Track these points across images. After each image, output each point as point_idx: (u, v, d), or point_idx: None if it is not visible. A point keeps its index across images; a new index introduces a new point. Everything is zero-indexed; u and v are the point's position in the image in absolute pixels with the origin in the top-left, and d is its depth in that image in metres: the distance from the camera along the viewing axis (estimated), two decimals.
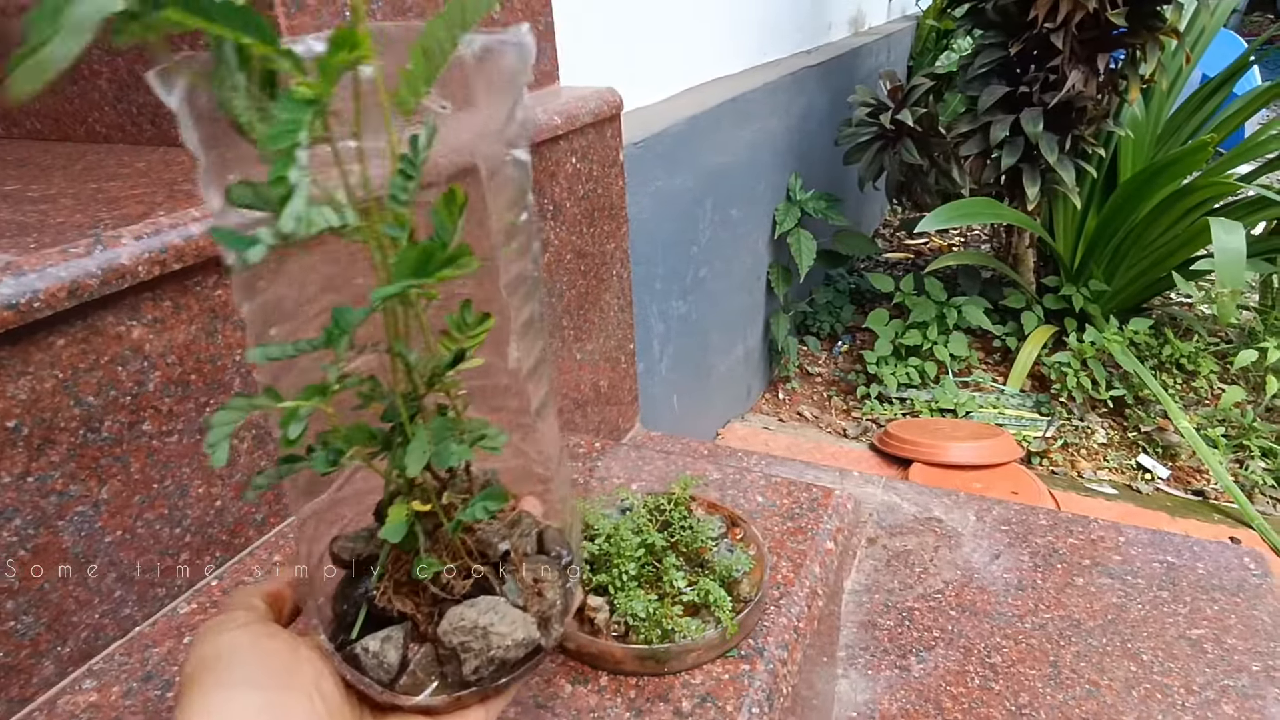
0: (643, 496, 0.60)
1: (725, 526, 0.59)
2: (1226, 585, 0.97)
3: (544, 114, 0.93)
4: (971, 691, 0.84)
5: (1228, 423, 1.89)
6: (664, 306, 1.57)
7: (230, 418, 0.31)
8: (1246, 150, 2.16)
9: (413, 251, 0.31)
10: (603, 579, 0.52)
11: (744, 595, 0.54)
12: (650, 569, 0.53)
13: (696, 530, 0.55)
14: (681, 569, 0.54)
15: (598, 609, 0.50)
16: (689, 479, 0.59)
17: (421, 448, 0.33)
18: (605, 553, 0.53)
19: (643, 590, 0.51)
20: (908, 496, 1.17)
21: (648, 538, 0.53)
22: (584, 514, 0.54)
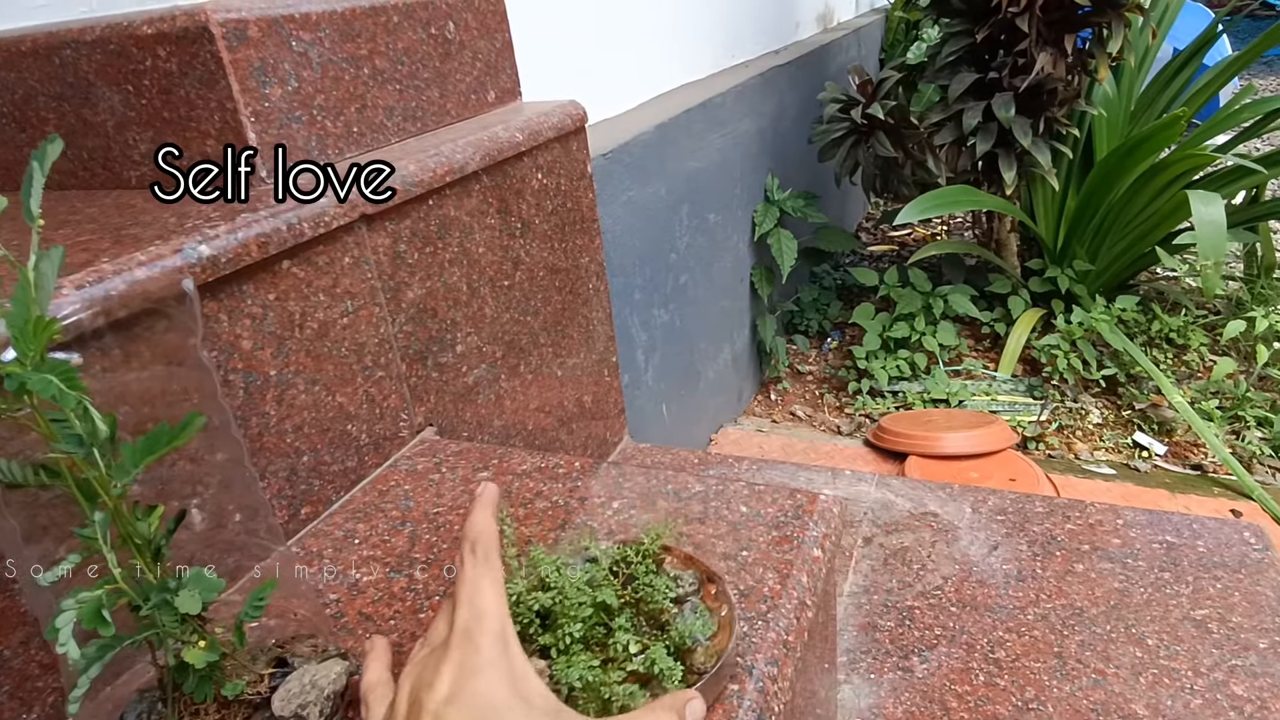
0: (609, 546, 0.54)
1: (699, 583, 0.52)
2: (1228, 562, 0.95)
3: (505, 131, 0.92)
4: (977, 689, 0.83)
5: (1221, 394, 1.89)
6: (645, 316, 1.55)
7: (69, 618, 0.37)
8: (1221, 121, 2.17)
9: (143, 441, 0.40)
10: (547, 640, 0.46)
11: (698, 666, 0.47)
12: (602, 630, 0.47)
13: (655, 589, 0.49)
14: (635, 631, 0.48)
15: (538, 674, 0.44)
16: (658, 529, 0.53)
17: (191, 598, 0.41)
18: (554, 610, 0.47)
19: (590, 654, 0.46)
20: (902, 492, 1.16)
21: (599, 595, 0.47)
22: (539, 563, 0.48)
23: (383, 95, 0.84)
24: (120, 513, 0.40)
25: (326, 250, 0.70)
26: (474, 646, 0.39)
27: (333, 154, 0.78)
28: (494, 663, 0.39)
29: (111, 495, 0.39)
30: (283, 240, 0.64)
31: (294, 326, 0.67)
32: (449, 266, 0.85)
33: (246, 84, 0.68)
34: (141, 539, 0.40)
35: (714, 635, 0.49)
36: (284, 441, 0.67)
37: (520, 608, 0.46)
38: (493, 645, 0.39)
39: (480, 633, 0.40)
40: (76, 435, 0.37)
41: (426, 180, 0.80)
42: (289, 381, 0.67)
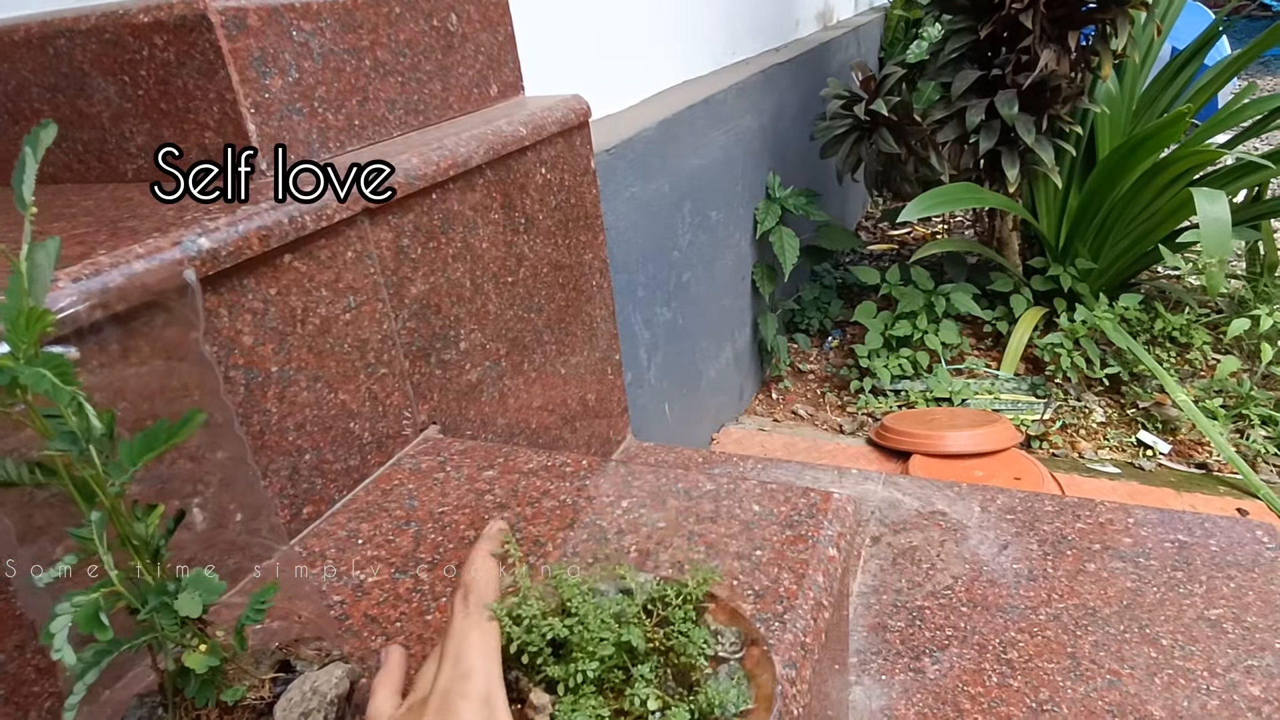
0: (649, 580, 0.47)
1: (741, 644, 0.46)
2: (1241, 561, 0.94)
3: (509, 125, 0.90)
4: (990, 690, 0.81)
5: (1225, 393, 1.88)
6: (648, 314, 1.54)
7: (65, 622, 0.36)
8: (1221, 120, 2.16)
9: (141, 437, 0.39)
10: (557, 672, 0.40)
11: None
12: (620, 675, 0.41)
13: (691, 640, 0.43)
14: (659, 685, 0.42)
15: (539, 710, 0.39)
16: (708, 571, 0.46)
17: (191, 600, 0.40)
18: (571, 641, 0.42)
19: (601, 700, 0.40)
20: (909, 491, 1.15)
21: (625, 634, 0.41)
22: (562, 585, 0.43)
23: (385, 88, 0.83)
24: (118, 512, 0.38)
25: (329, 244, 0.68)
26: (452, 713, 0.35)
27: (334, 147, 0.77)
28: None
29: (109, 494, 0.38)
30: (284, 233, 0.63)
31: (296, 322, 0.66)
32: (452, 262, 0.84)
33: (246, 74, 0.66)
34: (140, 539, 0.39)
35: (747, 712, 0.43)
36: (286, 440, 0.65)
37: (532, 633, 0.41)
38: (475, 712, 0.35)
39: (461, 695, 0.36)
40: (71, 432, 0.35)
41: (429, 174, 0.78)
42: (291, 378, 0.66)
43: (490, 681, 0.36)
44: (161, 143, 0.71)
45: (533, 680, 0.40)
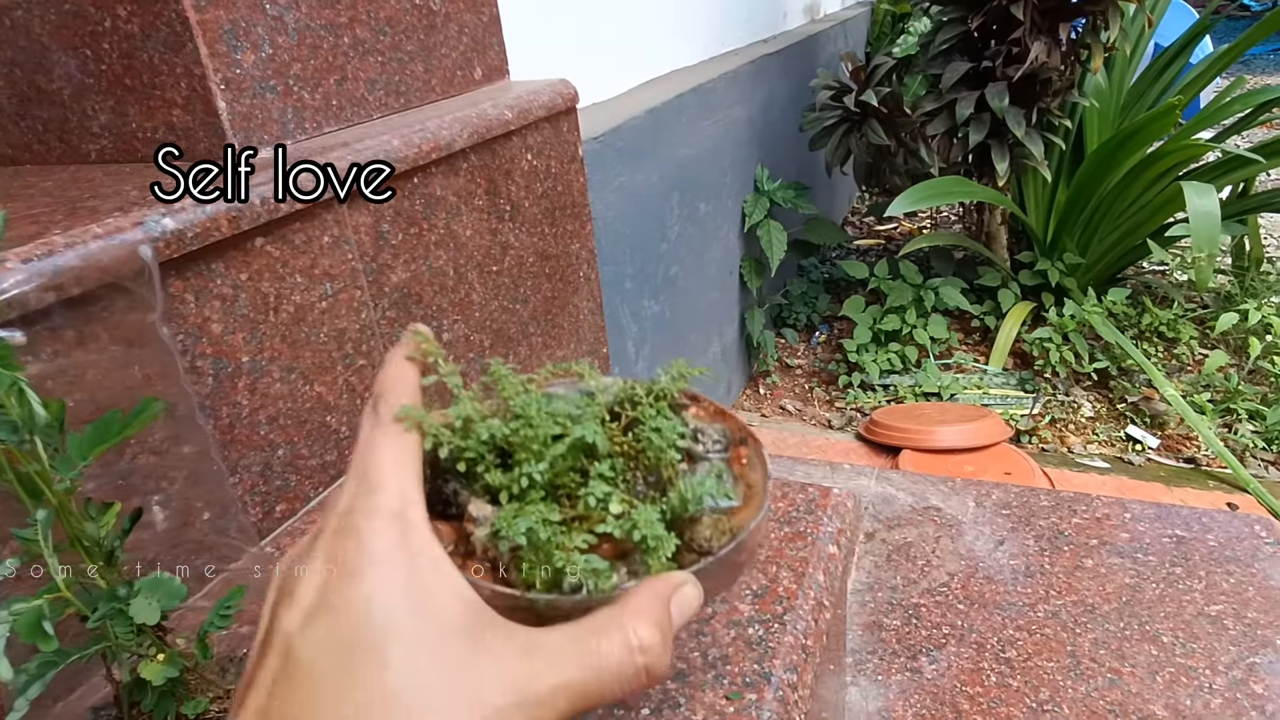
0: (614, 381, 0.40)
1: (727, 443, 0.39)
2: (1240, 556, 0.93)
3: (494, 109, 0.87)
4: (989, 690, 0.79)
5: (1212, 388, 1.87)
6: (636, 307, 1.51)
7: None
8: (1207, 116, 2.16)
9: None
10: (499, 479, 0.33)
11: (702, 543, 0.34)
12: (576, 479, 0.34)
13: (663, 435, 0.35)
14: (621, 485, 0.35)
15: (480, 522, 0.32)
16: (684, 365, 0.39)
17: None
18: (516, 445, 0.34)
19: (552, 505, 0.33)
20: (903, 486, 1.13)
21: (580, 430, 0.34)
22: (503, 381, 0.36)
23: (364, 67, 0.79)
24: (66, 511, 0.35)
25: (304, 228, 0.65)
26: (354, 537, 0.27)
27: (310, 128, 0.74)
28: (383, 559, 0.27)
29: (56, 491, 0.34)
30: (256, 216, 0.59)
31: (268, 310, 0.62)
32: (435, 249, 0.81)
33: (216, 48, 0.63)
34: (91, 540, 0.35)
35: (733, 511, 0.36)
36: (257, 434, 0.62)
37: (470, 438, 0.33)
38: (384, 534, 0.28)
39: (365, 514, 0.28)
40: (12, 421, 0.32)
41: (411, 157, 0.75)
42: (263, 369, 0.62)
43: (405, 496, 0.29)
44: (126, 121, 0.67)
45: (474, 491, 0.34)
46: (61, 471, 0.34)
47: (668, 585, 0.30)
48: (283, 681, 0.26)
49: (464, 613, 0.27)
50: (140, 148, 0.68)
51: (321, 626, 0.26)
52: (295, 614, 0.26)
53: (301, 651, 0.26)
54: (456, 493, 0.34)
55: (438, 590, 0.27)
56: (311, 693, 0.25)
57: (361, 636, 0.25)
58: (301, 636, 0.26)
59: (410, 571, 0.27)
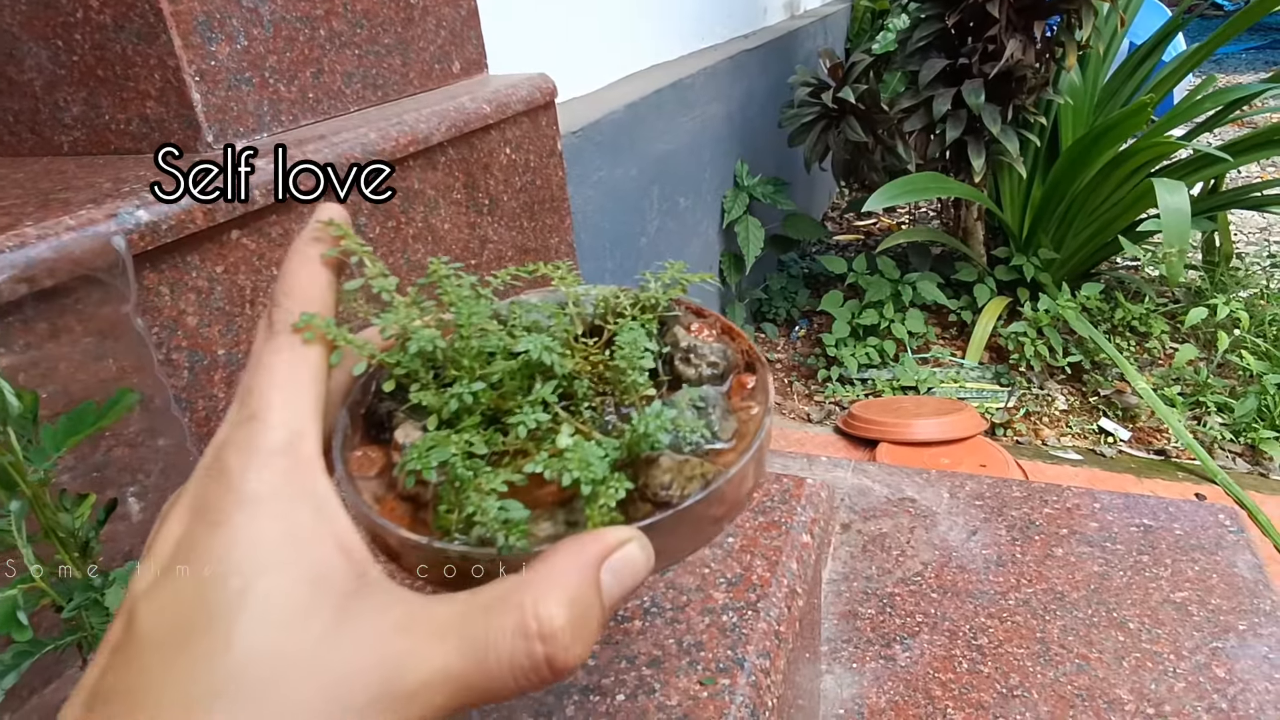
0: (598, 288, 0.34)
1: (725, 367, 0.32)
2: (1205, 544, 0.95)
3: (472, 102, 0.87)
4: (960, 677, 0.81)
5: (1182, 381, 1.91)
6: None
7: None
8: (1178, 114, 2.19)
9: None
10: (430, 400, 0.28)
11: (656, 490, 0.27)
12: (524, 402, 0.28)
13: (633, 348, 0.29)
14: (587, 411, 0.29)
15: (405, 450, 0.27)
16: (682, 268, 0.33)
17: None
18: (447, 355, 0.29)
19: (493, 434, 0.27)
20: (878, 478, 1.14)
21: (528, 344, 0.27)
22: (440, 281, 0.30)
23: (341, 60, 0.79)
24: (41, 502, 0.35)
25: (280, 221, 0.65)
26: (223, 476, 0.22)
27: (286, 121, 0.73)
28: (254, 504, 0.22)
29: (30, 482, 0.34)
30: (231, 209, 0.59)
31: (244, 302, 0.62)
32: (413, 243, 0.81)
33: (190, 39, 0.63)
34: (66, 531, 0.36)
35: (718, 453, 0.29)
36: None
37: (400, 354, 0.28)
38: (260, 472, 0.22)
39: (239, 448, 0.23)
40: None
41: (388, 150, 0.75)
42: (240, 362, 0.62)
43: (292, 425, 0.24)
44: (99, 113, 0.67)
45: (408, 408, 0.28)
46: (35, 463, 0.34)
47: (599, 546, 0.23)
48: (118, 654, 0.21)
49: (342, 574, 0.22)
50: (113, 140, 0.68)
51: (168, 588, 0.21)
52: (146, 571, 0.22)
53: (143, 619, 0.21)
54: (391, 414, 0.29)
55: (315, 542, 0.22)
56: (141, 673, 0.21)
57: (210, 604, 0.21)
58: (146, 600, 0.21)
59: (284, 519, 0.22)
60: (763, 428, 0.29)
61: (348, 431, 0.29)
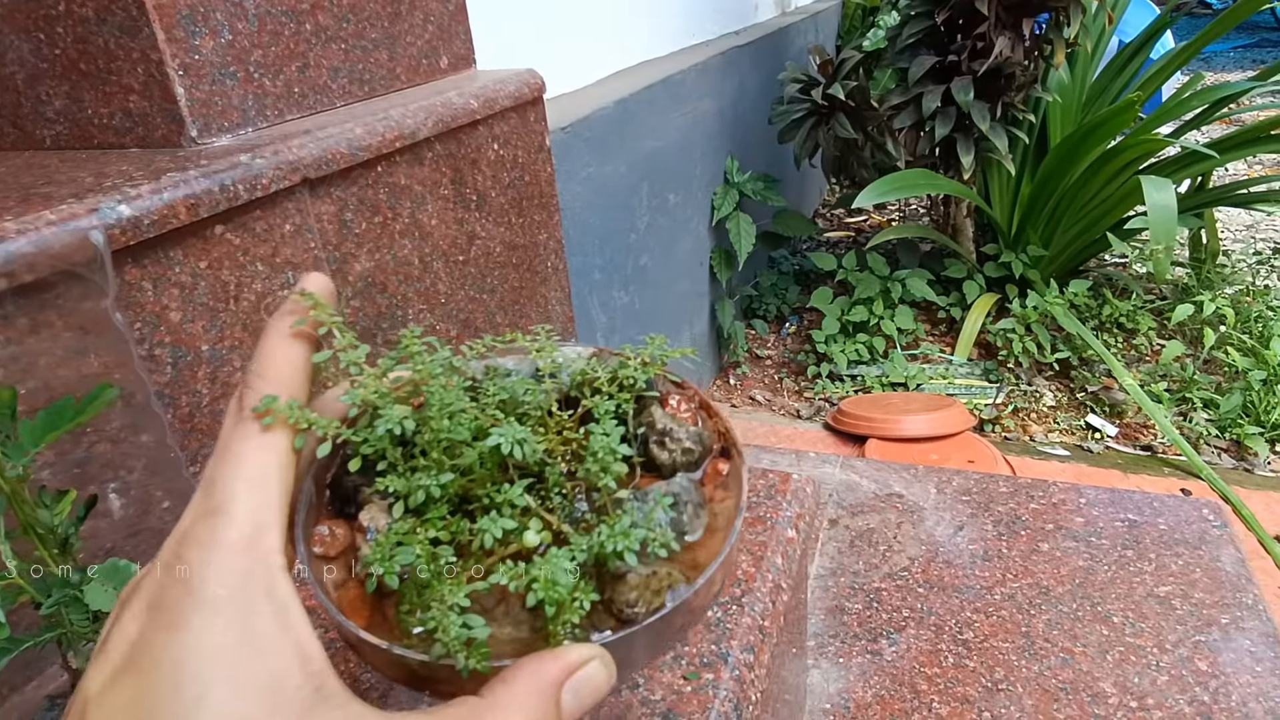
0: (581, 353, 0.33)
1: (702, 453, 0.31)
2: (1188, 539, 0.96)
3: (460, 98, 0.87)
4: (946, 671, 0.81)
5: (1169, 377, 1.92)
6: (605, 297, 1.52)
7: None
8: (1167, 111, 2.20)
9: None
10: (398, 485, 0.27)
11: (622, 606, 0.26)
12: (497, 493, 0.28)
13: (605, 438, 0.28)
14: (557, 499, 0.28)
15: (369, 534, 0.27)
16: (662, 343, 0.32)
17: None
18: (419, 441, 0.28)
19: (459, 523, 0.27)
20: (866, 474, 1.15)
21: (501, 438, 0.26)
22: (411, 350, 0.29)
23: (327, 55, 0.79)
24: (19, 497, 0.35)
25: (265, 216, 0.65)
26: (183, 574, 0.22)
27: (272, 115, 0.73)
28: (213, 606, 0.21)
29: (8, 478, 0.34)
30: (215, 203, 0.59)
31: (228, 298, 0.62)
32: (399, 238, 0.80)
33: (173, 33, 0.62)
34: (45, 527, 0.35)
35: (686, 548, 0.28)
36: (218, 423, 0.62)
37: (368, 431, 0.27)
38: (221, 571, 0.22)
39: (203, 545, 0.22)
40: None
41: (375, 145, 0.75)
42: (223, 358, 0.62)
43: (259, 517, 0.23)
44: (82, 107, 0.66)
45: (375, 491, 0.27)
46: (14, 458, 0.34)
47: (560, 666, 0.23)
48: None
49: (300, 686, 0.22)
50: (96, 134, 0.67)
51: (122, 694, 0.21)
52: (99, 672, 0.21)
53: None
54: (358, 489, 0.28)
55: (273, 652, 0.22)
56: None
57: (164, 714, 0.20)
58: (98, 705, 0.21)
59: (243, 625, 0.21)
60: (734, 531, 0.29)
61: (312, 501, 0.28)
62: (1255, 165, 3.43)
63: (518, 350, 0.32)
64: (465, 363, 0.30)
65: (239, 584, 0.22)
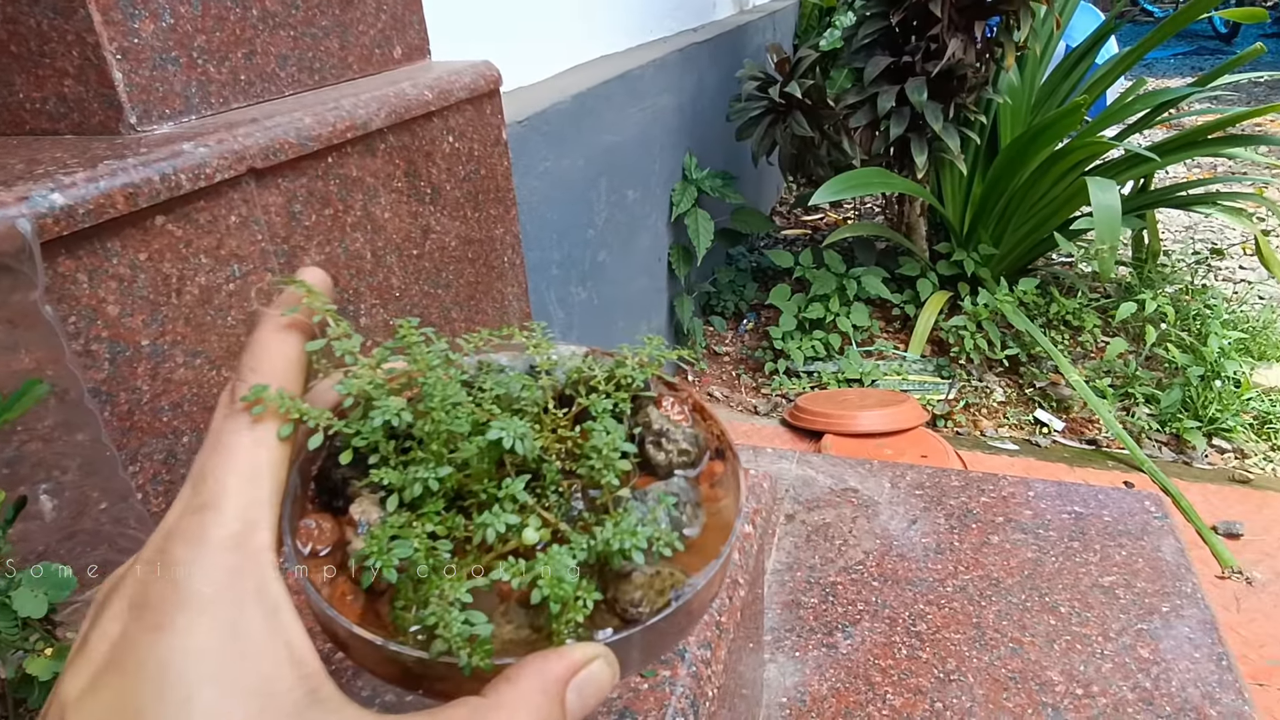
0: (576, 352, 0.32)
1: (696, 453, 0.31)
2: (1131, 530, 0.99)
3: (413, 88, 0.85)
4: (900, 663, 0.82)
5: (1113, 373, 1.98)
6: (563, 293, 1.51)
7: None
8: (1110, 115, 2.27)
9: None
10: (393, 478, 0.26)
11: (626, 605, 0.26)
12: (495, 488, 0.27)
13: (606, 437, 0.28)
14: (554, 497, 0.28)
15: (361, 528, 0.27)
16: (660, 343, 0.32)
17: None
18: (419, 434, 0.27)
19: (455, 518, 0.26)
20: (822, 469, 1.16)
21: (502, 432, 0.26)
22: (410, 346, 0.29)
23: (275, 42, 0.76)
24: None
25: (209, 207, 0.63)
26: (169, 571, 0.21)
27: (217, 103, 0.71)
28: (201, 605, 0.20)
29: None
30: (155, 192, 0.57)
31: (170, 291, 0.60)
32: (351, 231, 0.79)
33: (110, 15, 0.60)
34: None
35: (688, 546, 0.28)
36: (159, 420, 0.60)
37: (361, 423, 0.27)
38: (209, 568, 0.21)
39: (188, 539, 0.21)
40: None
41: (325, 135, 0.73)
42: (165, 353, 0.60)
43: (248, 515, 0.22)
44: (13, 91, 0.63)
45: (366, 484, 0.27)
46: None
47: (564, 665, 0.23)
48: None
49: (292, 689, 0.21)
50: (29, 119, 0.64)
51: (104, 696, 0.20)
52: (79, 675, 0.20)
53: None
54: (347, 481, 0.28)
55: (264, 653, 0.21)
56: None
57: (149, 716, 0.19)
58: (77, 709, 0.20)
59: (232, 624, 0.20)
60: (734, 532, 0.29)
61: (297, 493, 0.27)
62: (1194, 169, 3.55)
63: (513, 346, 0.32)
64: (460, 357, 0.30)
65: (228, 582, 0.21)
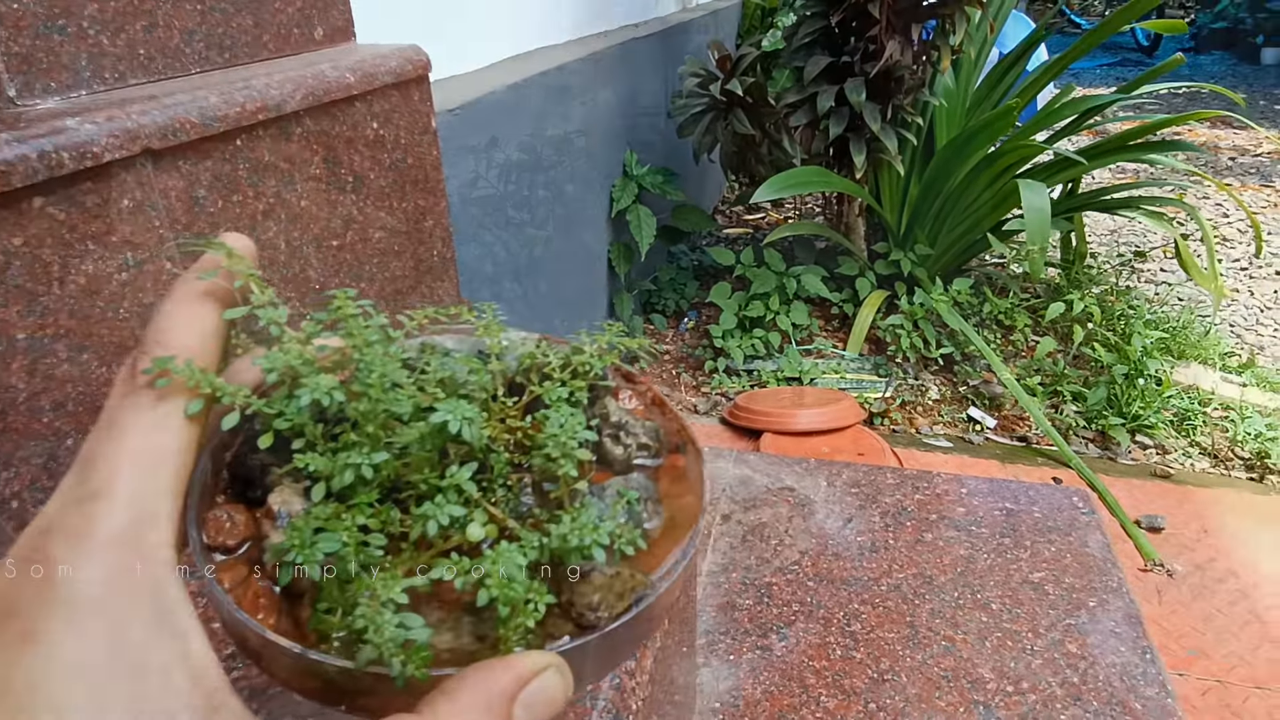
0: (527, 338, 0.30)
1: (657, 447, 0.29)
2: (1060, 526, 1.00)
3: (334, 71, 0.81)
4: (834, 664, 0.81)
5: (1042, 372, 2.03)
6: (498, 289, 1.47)
7: None
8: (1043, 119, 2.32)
9: None
10: (320, 465, 0.23)
11: (583, 610, 0.23)
12: (437, 479, 0.24)
13: (563, 428, 0.25)
14: (501, 490, 0.26)
15: (279, 519, 0.24)
16: (619, 330, 0.30)
17: None
18: (349, 414, 0.25)
19: (389, 510, 0.24)
20: (759, 468, 1.15)
21: (447, 415, 0.23)
22: (346, 318, 0.26)
23: (179, 15, 0.71)
24: None
25: (96, 189, 0.58)
26: (45, 572, 0.18)
27: (111, 78, 0.65)
28: (81, 611, 0.17)
29: None
30: (32, 172, 0.52)
31: (51, 280, 0.55)
32: (263, 219, 0.74)
33: None
34: None
35: (650, 543, 0.26)
36: (39, 421, 0.55)
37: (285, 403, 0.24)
38: (92, 568, 0.18)
39: (71, 537, 0.18)
40: None
41: (233, 116, 0.68)
42: (45, 348, 0.55)
43: (146, 504, 0.19)
44: None
45: (288, 471, 0.24)
46: None
47: (512, 677, 0.20)
48: None
49: (186, 706, 0.18)
50: None
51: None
52: None
53: None
54: (266, 468, 0.25)
55: (157, 669, 0.17)
56: None
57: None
58: None
59: (117, 634, 0.17)
60: (695, 532, 0.26)
61: (207, 481, 0.24)
62: (1119, 174, 3.68)
63: (460, 328, 0.30)
64: (401, 334, 0.27)
65: (116, 584, 0.18)
